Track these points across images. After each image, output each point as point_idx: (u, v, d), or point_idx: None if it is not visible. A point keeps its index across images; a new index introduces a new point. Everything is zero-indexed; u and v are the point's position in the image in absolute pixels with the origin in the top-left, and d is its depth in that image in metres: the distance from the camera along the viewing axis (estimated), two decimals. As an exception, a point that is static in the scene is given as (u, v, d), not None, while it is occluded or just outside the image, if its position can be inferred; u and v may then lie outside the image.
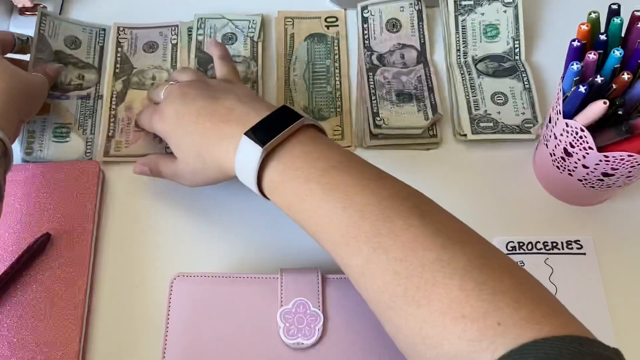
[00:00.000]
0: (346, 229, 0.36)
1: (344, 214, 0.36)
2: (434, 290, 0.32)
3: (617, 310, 0.47)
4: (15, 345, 0.44)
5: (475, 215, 0.51)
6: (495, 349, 0.29)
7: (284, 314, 0.42)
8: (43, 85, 0.52)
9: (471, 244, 0.34)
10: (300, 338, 0.42)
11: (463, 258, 0.32)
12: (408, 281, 0.33)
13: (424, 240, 0.33)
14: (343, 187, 0.37)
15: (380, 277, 0.34)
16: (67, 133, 0.54)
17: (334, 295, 0.43)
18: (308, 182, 0.38)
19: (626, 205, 0.51)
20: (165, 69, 0.58)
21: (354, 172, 0.38)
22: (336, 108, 0.56)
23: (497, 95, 0.55)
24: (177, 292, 0.44)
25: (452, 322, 0.30)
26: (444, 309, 0.31)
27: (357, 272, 0.35)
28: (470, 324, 0.30)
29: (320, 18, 0.61)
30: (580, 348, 0.28)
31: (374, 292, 0.34)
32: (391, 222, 0.35)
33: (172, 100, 0.46)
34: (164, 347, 0.42)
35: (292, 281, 0.43)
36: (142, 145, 0.54)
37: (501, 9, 0.59)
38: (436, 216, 0.36)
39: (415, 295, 0.32)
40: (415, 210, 0.35)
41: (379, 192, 0.36)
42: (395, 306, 0.33)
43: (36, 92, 0.51)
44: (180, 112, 0.45)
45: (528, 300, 0.31)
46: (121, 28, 0.60)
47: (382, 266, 0.34)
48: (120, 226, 0.51)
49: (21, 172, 0.51)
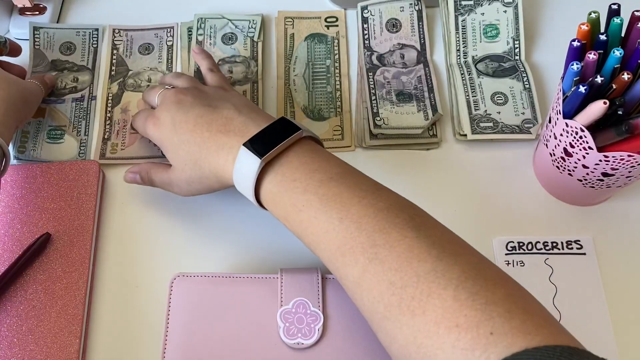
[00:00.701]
0: (343, 240, 0.36)
1: (340, 225, 0.36)
2: (428, 301, 0.32)
3: (617, 310, 0.47)
4: (15, 345, 0.44)
5: (475, 215, 0.51)
6: (488, 358, 0.29)
7: (284, 314, 0.42)
8: (38, 93, 0.53)
9: (464, 256, 0.35)
10: (300, 338, 0.42)
11: (457, 269, 0.33)
12: (403, 291, 0.33)
13: (419, 252, 0.34)
14: (340, 198, 0.37)
15: (376, 287, 0.34)
16: (61, 135, 0.55)
17: (334, 295, 0.43)
18: (306, 193, 0.38)
19: (626, 205, 0.51)
20: (161, 70, 0.58)
21: (352, 184, 0.38)
22: (336, 108, 0.56)
23: (497, 95, 0.55)
24: (177, 292, 0.44)
25: (446, 332, 0.31)
26: (438, 319, 0.32)
27: (353, 283, 0.36)
28: (464, 333, 0.31)
29: (320, 18, 0.61)
30: (570, 358, 0.28)
31: (370, 302, 0.35)
32: (387, 234, 0.35)
33: (168, 106, 0.46)
34: (164, 347, 0.42)
35: (292, 281, 0.43)
36: (137, 148, 0.54)
37: (501, 9, 0.59)
38: (431, 228, 0.36)
39: (410, 305, 0.33)
40: (410, 222, 0.36)
41: (375, 204, 0.37)
42: (391, 316, 0.34)
43: (32, 98, 0.52)
44: (176, 120, 0.45)
45: (520, 311, 0.31)
46: (116, 30, 0.60)
47: (378, 276, 0.34)
48: (120, 226, 0.51)
49: (21, 172, 0.51)
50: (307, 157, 0.40)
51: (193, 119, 0.44)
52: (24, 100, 0.49)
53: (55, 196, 0.50)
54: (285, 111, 0.56)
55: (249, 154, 0.40)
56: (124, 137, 0.54)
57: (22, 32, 0.60)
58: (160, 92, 0.48)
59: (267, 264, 0.49)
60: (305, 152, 0.41)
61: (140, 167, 0.49)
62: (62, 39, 0.59)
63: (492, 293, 0.32)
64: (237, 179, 0.41)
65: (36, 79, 0.54)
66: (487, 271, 0.34)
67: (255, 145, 0.40)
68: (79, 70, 0.58)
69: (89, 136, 0.55)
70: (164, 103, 0.47)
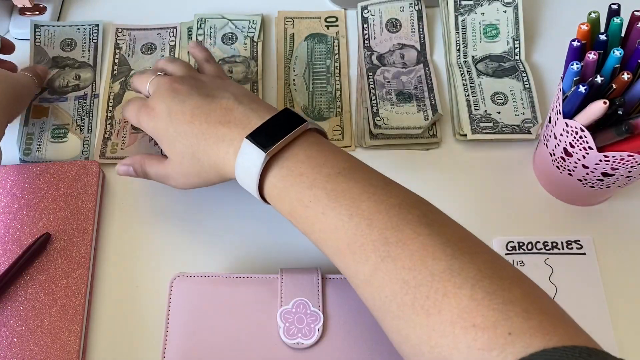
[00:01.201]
0: (353, 238, 0.35)
1: (350, 222, 0.35)
2: (444, 300, 0.31)
3: (617, 310, 0.47)
4: (15, 345, 0.44)
5: (475, 215, 0.51)
6: (505, 358, 0.29)
7: (284, 314, 0.42)
8: (31, 85, 0.52)
9: (480, 254, 0.34)
10: (300, 338, 0.42)
11: (473, 268, 0.32)
12: (417, 290, 0.32)
13: (434, 250, 0.33)
14: (349, 194, 0.36)
15: (388, 286, 0.33)
16: (64, 133, 0.55)
17: (334, 295, 0.43)
18: (312, 188, 0.37)
19: (626, 205, 0.51)
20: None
21: (360, 179, 0.37)
22: (336, 108, 0.56)
23: (497, 95, 0.55)
24: (177, 292, 0.44)
25: (463, 332, 0.30)
26: (454, 319, 0.31)
27: (363, 281, 0.35)
28: (480, 333, 0.30)
29: (320, 18, 0.61)
30: (588, 358, 0.28)
31: (381, 302, 0.34)
32: (399, 231, 0.34)
33: (163, 96, 0.44)
34: (164, 347, 0.42)
35: (292, 281, 0.43)
36: (138, 148, 0.54)
37: (501, 9, 0.59)
38: (444, 226, 0.35)
39: (425, 304, 0.32)
40: (424, 219, 0.35)
41: (386, 200, 0.36)
42: (404, 315, 0.33)
43: (24, 92, 0.51)
44: (172, 110, 0.43)
45: (537, 311, 0.31)
46: (119, 29, 0.60)
47: (391, 275, 0.33)
48: (120, 226, 0.51)
49: (21, 172, 0.51)
50: (314, 151, 0.39)
51: (190, 109, 0.42)
52: (16, 95, 0.48)
53: (55, 196, 0.50)
54: (285, 111, 0.56)
55: (252, 147, 0.38)
56: (125, 136, 0.54)
57: (22, 32, 0.60)
58: (153, 79, 0.46)
59: (267, 264, 0.49)
60: (311, 145, 0.39)
61: (133, 159, 0.47)
62: (62, 35, 0.59)
63: (509, 292, 0.31)
64: (240, 174, 0.40)
65: (28, 70, 0.53)
66: (503, 270, 0.33)
67: (259, 137, 0.38)
68: (81, 67, 0.58)
69: (92, 134, 0.55)
70: (159, 91, 0.44)
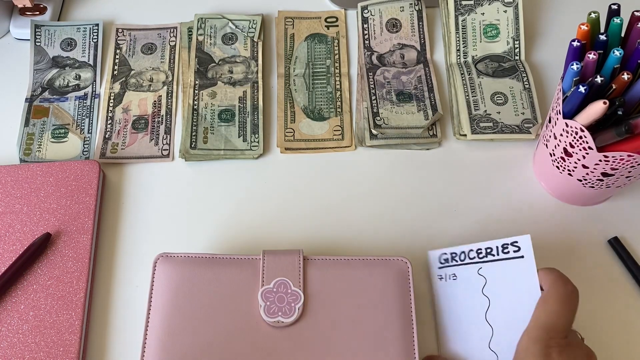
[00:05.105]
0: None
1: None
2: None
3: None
4: (15, 345, 0.44)
5: (475, 215, 0.51)
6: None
7: (265, 293, 0.43)
8: None
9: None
10: (281, 316, 0.42)
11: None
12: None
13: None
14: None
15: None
16: (64, 133, 0.55)
17: (315, 275, 0.44)
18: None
19: (626, 205, 0.51)
20: (163, 70, 0.58)
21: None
22: (336, 108, 0.56)
23: (497, 95, 0.55)
24: (160, 272, 0.44)
25: None
26: None
27: None
28: None
29: (320, 18, 0.61)
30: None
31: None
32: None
33: None
34: (146, 325, 0.42)
35: (273, 261, 0.44)
36: (138, 148, 0.54)
37: (501, 9, 0.59)
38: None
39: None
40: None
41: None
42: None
43: None
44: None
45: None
46: (120, 29, 0.60)
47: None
48: (120, 226, 0.51)
49: (21, 172, 0.51)
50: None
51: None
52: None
53: (55, 196, 0.50)
54: (286, 111, 0.56)
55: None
56: (125, 136, 0.54)
57: (22, 32, 0.60)
58: None
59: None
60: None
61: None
62: (62, 35, 0.59)
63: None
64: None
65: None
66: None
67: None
68: (81, 67, 0.58)
69: (92, 134, 0.55)
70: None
